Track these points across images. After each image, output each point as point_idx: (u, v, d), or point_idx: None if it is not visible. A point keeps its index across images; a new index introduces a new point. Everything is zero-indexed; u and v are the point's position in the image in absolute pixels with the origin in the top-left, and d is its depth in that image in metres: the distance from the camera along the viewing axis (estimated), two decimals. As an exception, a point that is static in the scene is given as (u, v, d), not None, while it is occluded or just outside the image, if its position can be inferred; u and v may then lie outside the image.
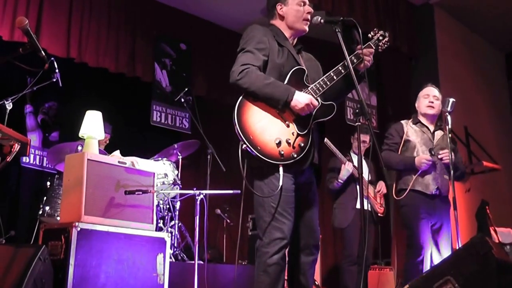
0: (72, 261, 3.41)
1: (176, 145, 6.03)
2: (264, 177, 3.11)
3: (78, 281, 3.41)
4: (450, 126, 4.41)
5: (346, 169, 5.88)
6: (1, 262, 2.97)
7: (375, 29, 3.52)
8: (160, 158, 5.74)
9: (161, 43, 7.31)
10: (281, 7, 3.41)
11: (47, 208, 5.24)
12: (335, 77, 3.28)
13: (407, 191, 4.64)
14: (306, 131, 3.17)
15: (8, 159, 2.62)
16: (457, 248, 3.81)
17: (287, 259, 3.27)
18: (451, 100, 4.47)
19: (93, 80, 6.99)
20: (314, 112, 3.22)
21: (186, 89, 6.63)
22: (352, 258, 5.78)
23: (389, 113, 7.59)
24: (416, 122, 4.88)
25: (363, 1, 6.84)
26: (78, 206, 3.62)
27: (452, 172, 4.34)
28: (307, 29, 3.43)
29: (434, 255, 4.66)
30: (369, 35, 3.47)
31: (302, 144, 3.14)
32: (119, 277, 3.65)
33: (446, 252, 4.58)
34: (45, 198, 5.30)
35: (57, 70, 5.16)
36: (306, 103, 3.12)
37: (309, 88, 3.24)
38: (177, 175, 5.68)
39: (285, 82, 3.22)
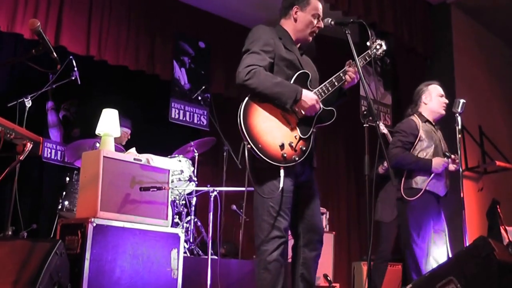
0: (88, 255, 3.48)
1: (192, 143, 6.10)
2: (265, 177, 3.18)
3: (94, 275, 3.49)
4: (460, 127, 4.40)
5: None
6: (19, 256, 3.02)
7: (372, 37, 3.57)
8: (176, 155, 5.83)
9: (180, 41, 7.37)
10: (297, 11, 3.44)
11: (66, 202, 5.34)
12: (336, 83, 3.36)
13: (422, 192, 4.48)
14: (308, 135, 3.25)
15: (20, 158, 2.68)
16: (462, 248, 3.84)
17: (291, 254, 3.35)
18: (461, 101, 4.42)
19: (113, 77, 7.09)
20: (316, 117, 3.29)
21: (204, 87, 6.74)
22: (385, 254, 5.75)
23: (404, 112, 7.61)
24: (425, 120, 4.72)
25: (379, 0, 6.84)
26: (94, 202, 3.69)
27: (461, 172, 4.36)
28: (310, 40, 3.50)
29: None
30: (368, 43, 3.54)
31: (304, 148, 3.21)
32: (134, 272, 3.72)
33: (441, 253, 4.57)
34: (64, 193, 5.39)
35: (75, 69, 5.28)
36: (314, 102, 3.20)
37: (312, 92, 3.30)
38: (193, 171, 5.76)
39: None
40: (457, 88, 7.33)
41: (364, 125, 3.45)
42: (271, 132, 3.16)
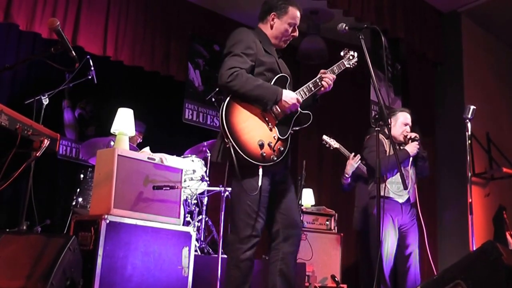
0: (100, 252, 3.51)
1: (205, 143, 6.15)
2: (243, 176, 3.23)
3: (106, 271, 3.53)
4: (469, 133, 4.44)
5: (351, 165, 5.92)
6: (33, 251, 3.05)
7: (345, 48, 3.66)
8: (189, 155, 5.87)
9: (195, 43, 7.43)
10: (274, 17, 3.53)
11: (80, 199, 5.37)
12: (313, 88, 3.46)
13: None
14: (286, 135, 3.35)
15: (37, 154, 2.70)
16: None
17: (271, 253, 3.41)
18: (472, 107, 4.48)
19: (128, 77, 7.15)
20: (294, 119, 3.40)
21: (217, 89, 6.80)
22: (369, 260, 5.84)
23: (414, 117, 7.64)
24: (387, 137, 4.90)
25: (391, 7, 6.86)
26: (108, 199, 3.73)
27: (469, 178, 4.40)
28: (284, 46, 3.61)
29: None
30: (341, 53, 3.64)
31: (282, 148, 3.31)
32: (146, 269, 3.76)
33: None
34: (78, 190, 5.42)
35: (92, 68, 5.35)
36: (295, 101, 3.30)
37: None
38: (206, 171, 5.80)
39: None
40: (466, 94, 7.39)
41: (376, 129, 3.50)
42: (252, 131, 3.24)
